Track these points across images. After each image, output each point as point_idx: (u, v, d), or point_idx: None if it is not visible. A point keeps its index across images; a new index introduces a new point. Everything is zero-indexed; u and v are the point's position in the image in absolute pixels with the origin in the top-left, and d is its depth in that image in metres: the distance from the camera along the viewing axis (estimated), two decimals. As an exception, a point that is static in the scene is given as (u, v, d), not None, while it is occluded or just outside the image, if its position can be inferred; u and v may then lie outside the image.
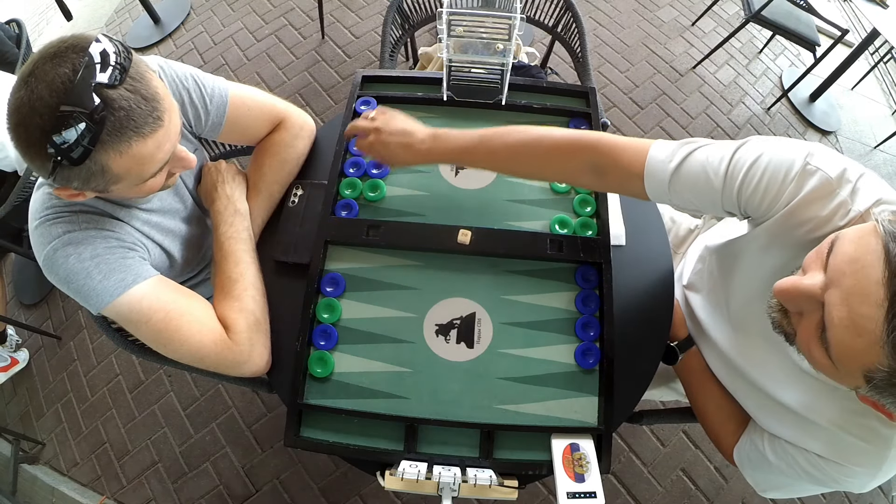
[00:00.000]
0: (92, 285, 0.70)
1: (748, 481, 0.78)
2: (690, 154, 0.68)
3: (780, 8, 2.14)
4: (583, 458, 0.72)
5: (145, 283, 0.74)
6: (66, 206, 0.72)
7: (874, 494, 1.64)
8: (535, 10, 1.49)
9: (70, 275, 0.70)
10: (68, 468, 1.65)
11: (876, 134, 2.55)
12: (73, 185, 0.63)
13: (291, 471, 1.56)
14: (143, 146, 0.61)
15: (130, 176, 0.64)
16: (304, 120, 0.99)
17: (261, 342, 0.81)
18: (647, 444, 1.61)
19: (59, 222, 0.71)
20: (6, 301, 1.86)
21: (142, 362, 1.75)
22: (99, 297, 0.71)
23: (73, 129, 0.55)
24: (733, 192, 0.64)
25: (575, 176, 0.79)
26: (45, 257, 0.70)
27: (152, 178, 0.68)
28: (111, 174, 0.62)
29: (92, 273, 0.70)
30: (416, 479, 0.69)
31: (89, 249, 0.70)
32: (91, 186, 0.63)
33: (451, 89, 1.00)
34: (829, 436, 0.63)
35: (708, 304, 0.85)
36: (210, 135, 0.90)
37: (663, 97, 2.33)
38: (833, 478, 0.64)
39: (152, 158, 0.64)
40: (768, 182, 0.61)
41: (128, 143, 0.60)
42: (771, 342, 0.69)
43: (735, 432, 0.81)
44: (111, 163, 0.60)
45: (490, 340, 0.83)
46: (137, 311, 0.73)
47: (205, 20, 2.51)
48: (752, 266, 0.70)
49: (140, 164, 0.63)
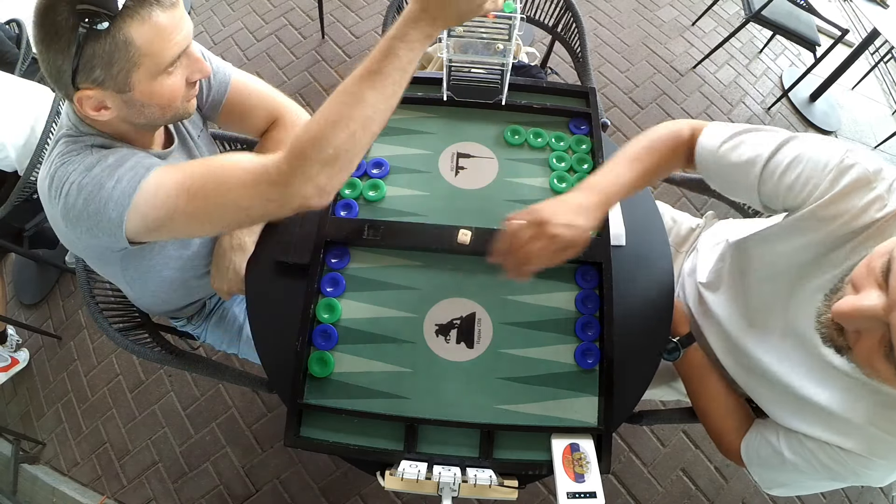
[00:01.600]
0: (107, 194, 0.65)
1: (754, 478, 0.77)
2: (735, 147, 0.71)
3: (781, 8, 2.14)
4: (583, 458, 0.72)
5: (158, 170, 0.67)
6: (83, 147, 0.70)
7: (874, 494, 1.64)
8: (535, 10, 1.49)
9: (87, 197, 0.65)
10: (69, 468, 1.65)
11: (876, 134, 2.55)
12: (96, 75, 0.62)
13: (291, 471, 1.56)
14: (163, 17, 0.63)
15: (152, 53, 0.64)
16: (304, 118, 0.99)
17: (320, 171, 0.64)
18: (647, 444, 1.61)
19: (74, 160, 0.68)
20: (6, 301, 1.86)
21: (142, 362, 1.75)
22: (117, 204, 0.65)
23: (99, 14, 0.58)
24: (772, 185, 0.67)
25: (682, 164, 0.81)
26: (64, 200, 0.67)
27: (172, 73, 0.68)
28: (134, 48, 0.62)
29: (104, 182, 0.66)
30: (416, 479, 0.69)
31: (99, 166, 0.67)
32: (114, 72, 0.63)
33: (451, 89, 1.00)
34: (858, 430, 0.63)
35: (725, 302, 0.84)
36: (210, 113, 0.91)
37: (663, 97, 2.33)
38: (853, 471, 0.64)
39: (171, 35, 0.64)
40: (807, 177, 0.63)
41: (149, 11, 0.62)
42: (794, 339, 0.69)
43: (738, 429, 0.81)
44: (134, 33, 0.61)
45: (490, 340, 0.83)
46: (161, 205, 0.66)
47: (205, 20, 2.51)
48: (777, 260, 0.71)
49: (161, 37, 0.64)
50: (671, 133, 0.78)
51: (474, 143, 1.00)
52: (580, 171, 0.97)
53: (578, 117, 1.03)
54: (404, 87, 0.67)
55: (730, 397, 0.84)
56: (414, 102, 1.04)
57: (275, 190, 0.65)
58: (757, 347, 0.76)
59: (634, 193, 0.78)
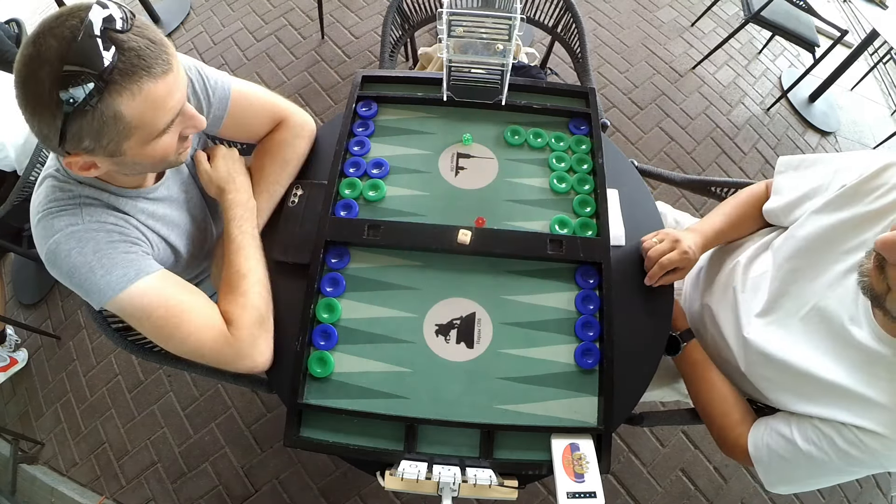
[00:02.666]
0: (94, 280, 0.70)
1: (759, 474, 0.77)
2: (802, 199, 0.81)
3: (780, 8, 2.14)
4: (583, 458, 0.72)
5: (148, 279, 0.73)
6: (70, 199, 0.71)
7: (874, 494, 1.64)
8: (535, 10, 1.49)
9: (72, 269, 0.69)
10: (67, 468, 1.64)
11: (875, 134, 2.55)
12: (85, 145, 0.61)
13: (291, 471, 1.56)
14: (155, 87, 0.60)
15: (144, 125, 0.62)
16: (305, 119, 0.99)
17: (263, 339, 0.81)
18: (646, 445, 1.62)
19: (62, 215, 0.70)
20: (5, 301, 1.85)
21: (141, 362, 1.75)
22: (101, 293, 0.70)
23: (83, 76, 0.55)
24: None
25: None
26: (48, 251, 0.70)
27: (164, 134, 0.66)
28: (124, 122, 0.60)
29: (94, 268, 0.70)
30: (416, 479, 0.69)
31: (91, 244, 0.70)
32: (104, 143, 0.62)
33: (451, 89, 1.00)
34: (880, 409, 0.64)
35: (745, 293, 0.86)
36: (211, 128, 0.90)
37: (663, 97, 2.33)
38: (873, 454, 0.64)
39: (164, 104, 0.63)
40: (849, 166, 0.74)
41: (139, 84, 0.59)
42: (818, 319, 0.72)
43: (740, 423, 0.81)
44: (124, 107, 0.59)
45: (490, 340, 0.83)
46: (139, 307, 0.72)
47: (204, 20, 2.51)
48: (806, 244, 0.75)
49: (153, 108, 0.62)
50: (753, 191, 0.96)
51: (474, 144, 1.00)
52: (580, 172, 0.97)
53: (578, 118, 1.03)
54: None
55: (731, 392, 0.84)
56: (414, 102, 1.04)
57: (229, 355, 0.78)
58: (773, 333, 0.77)
59: (728, 240, 0.97)
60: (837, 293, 0.69)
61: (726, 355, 0.86)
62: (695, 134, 2.25)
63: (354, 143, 0.99)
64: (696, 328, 0.94)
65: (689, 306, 1.02)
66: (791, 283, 0.76)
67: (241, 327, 0.78)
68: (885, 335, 0.63)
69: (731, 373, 0.86)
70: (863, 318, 0.66)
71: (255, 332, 0.79)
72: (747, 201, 0.95)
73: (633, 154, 2.16)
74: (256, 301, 0.81)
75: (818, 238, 0.73)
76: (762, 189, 0.94)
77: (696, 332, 0.93)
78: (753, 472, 0.79)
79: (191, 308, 0.76)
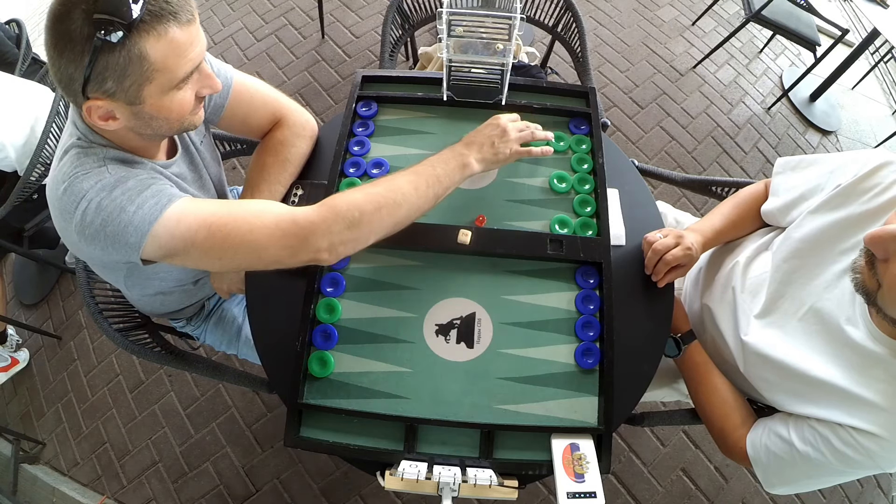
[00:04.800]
0: (127, 219, 0.66)
1: (758, 475, 0.77)
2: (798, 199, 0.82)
3: (781, 8, 2.14)
4: (583, 458, 0.72)
5: (180, 202, 0.70)
6: (96, 161, 0.70)
7: (874, 494, 1.64)
8: (535, 10, 1.49)
9: (106, 218, 0.66)
10: (69, 468, 1.65)
11: (876, 134, 2.55)
12: (107, 87, 0.61)
13: (291, 471, 1.56)
14: (179, 33, 0.62)
15: (166, 68, 0.63)
16: (307, 119, 0.99)
17: (346, 235, 0.73)
18: (647, 444, 1.61)
19: (88, 177, 0.68)
20: (6, 301, 1.86)
21: (142, 362, 1.76)
22: (137, 229, 0.67)
23: (113, 24, 0.57)
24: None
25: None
26: (80, 215, 0.66)
27: (183, 87, 0.67)
28: (148, 62, 0.61)
29: (125, 206, 0.66)
30: (416, 479, 0.69)
31: (120, 188, 0.68)
32: (126, 85, 0.62)
33: (451, 89, 1.00)
34: (875, 410, 0.64)
35: (744, 294, 0.85)
36: (212, 117, 0.91)
37: (663, 97, 2.33)
38: (871, 454, 0.64)
39: (186, 52, 0.64)
40: (845, 164, 0.74)
41: (166, 27, 0.61)
42: (815, 319, 0.72)
43: (741, 425, 0.81)
44: (149, 47, 0.61)
45: (490, 340, 0.83)
46: (179, 235, 0.68)
47: (205, 20, 2.51)
48: (802, 245, 0.75)
49: (176, 53, 0.63)
50: (752, 191, 0.96)
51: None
52: (580, 171, 0.97)
53: (578, 117, 1.03)
54: (435, 201, 0.81)
55: (732, 394, 0.84)
56: (414, 102, 1.04)
57: (294, 238, 0.71)
58: (772, 334, 0.77)
59: (728, 240, 0.97)
60: (834, 294, 0.70)
61: (725, 356, 0.86)
62: (695, 133, 2.25)
63: (354, 143, 0.99)
64: (695, 328, 0.94)
65: (689, 306, 1.02)
66: (788, 285, 0.76)
67: (328, 205, 0.72)
68: (881, 335, 0.63)
69: (730, 373, 0.86)
70: (859, 318, 0.66)
71: (337, 221, 0.71)
72: (746, 201, 0.95)
73: (634, 153, 2.16)
74: (358, 198, 0.73)
75: (814, 239, 0.73)
76: (761, 189, 0.94)
77: (696, 332, 0.93)
78: (754, 472, 0.79)
79: (235, 212, 0.71)
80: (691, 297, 1.03)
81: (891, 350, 0.63)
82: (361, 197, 0.74)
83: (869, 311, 0.64)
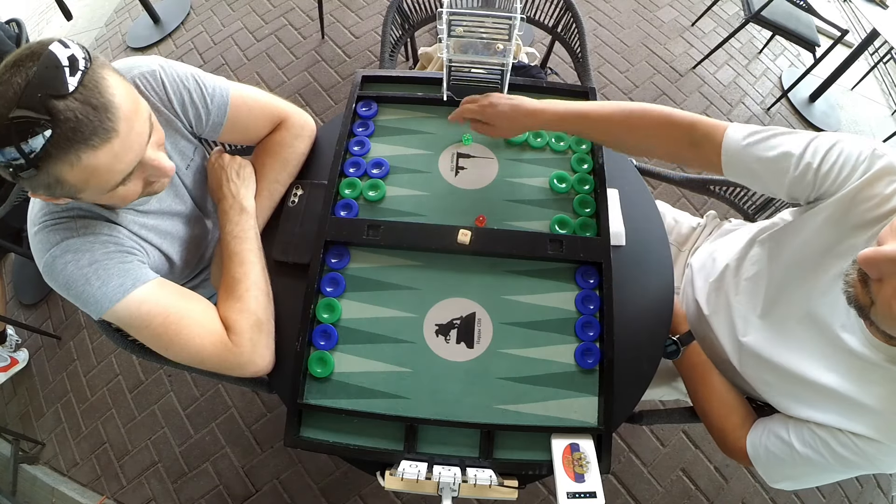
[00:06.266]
0: (91, 291, 0.70)
1: (759, 472, 0.77)
2: (766, 138, 0.74)
3: (780, 8, 2.14)
4: (583, 458, 0.72)
5: (144, 287, 0.74)
6: (64, 210, 0.72)
7: (874, 494, 1.64)
8: (535, 10, 1.49)
9: (69, 282, 0.70)
10: (68, 468, 1.65)
11: (876, 134, 2.55)
12: (40, 193, 0.62)
13: (291, 471, 1.56)
14: (94, 158, 0.59)
15: (90, 187, 0.62)
16: (305, 120, 0.99)
17: (263, 343, 0.81)
18: (647, 444, 1.61)
19: (57, 229, 0.71)
20: (6, 301, 1.85)
21: (142, 362, 1.75)
22: (98, 304, 0.71)
23: (12, 147, 0.54)
24: (808, 174, 0.70)
25: (674, 148, 0.82)
26: (45, 264, 0.70)
27: (122, 186, 0.65)
28: (69, 185, 0.60)
29: (91, 279, 0.70)
30: (416, 479, 0.69)
31: (87, 256, 0.70)
32: (57, 196, 0.63)
33: (451, 89, 1.00)
34: (873, 414, 0.64)
35: (741, 295, 0.85)
36: (211, 135, 0.90)
37: (663, 97, 2.33)
38: (870, 458, 0.65)
39: (109, 170, 0.61)
40: (843, 162, 0.68)
41: (77, 156, 0.57)
42: (812, 325, 0.71)
43: (741, 425, 0.81)
44: (65, 175, 0.59)
45: (490, 340, 0.83)
46: (137, 316, 0.73)
47: (205, 20, 2.51)
48: (804, 248, 0.73)
49: (96, 175, 0.61)
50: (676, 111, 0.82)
51: (474, 144, 1.00)
52: (580, 171, 0.97)
53: (578, 117, 1.03)
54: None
55: (731, 394, 0.84)
56: (414, 102, 1.04)
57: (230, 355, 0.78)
58: (769, 337, 0.77)
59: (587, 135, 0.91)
60: (829, 299, 0.69)
61: (723, 357, 0.86)
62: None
63: (354, 143, 0.99)
64: (694, 330, 0.94)
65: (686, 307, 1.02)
66: (784, 289, 0.76)
67: (240, 332, 0.78)
68: (876, 342, 0.63)
69: (729, 373, 0.86)
70: (854, 325, 0.66)
71: (253, 336, 0.79)
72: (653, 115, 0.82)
73: (634, 154, 2.16)
74: (253, 305, 0.81)
75: (811, 244, 0.72)
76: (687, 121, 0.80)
77: (694, 333, 0.93)
78: (754, 472, 0.79)
79: (189, 315, 0.76)
80: (688, 298, 1.03)
81: (887, 356, 0.63)
82: (244, 311, 0.80)
83: (863, 321, 0.64)
